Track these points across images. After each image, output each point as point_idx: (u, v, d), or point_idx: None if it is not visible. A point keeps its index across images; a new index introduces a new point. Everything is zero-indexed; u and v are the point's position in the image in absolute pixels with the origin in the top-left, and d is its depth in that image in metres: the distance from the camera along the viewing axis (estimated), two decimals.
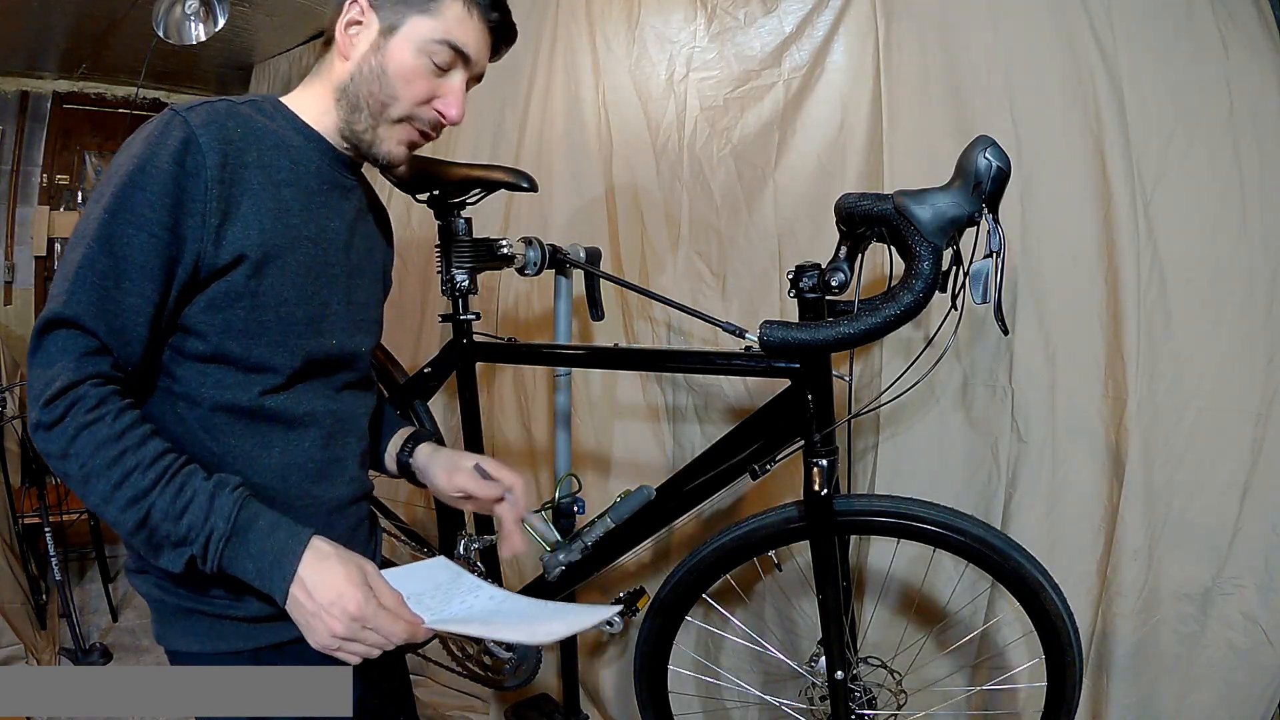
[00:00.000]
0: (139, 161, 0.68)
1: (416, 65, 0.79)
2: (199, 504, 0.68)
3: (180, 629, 0.78)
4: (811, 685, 1.23)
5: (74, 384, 0.66)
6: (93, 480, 0.67)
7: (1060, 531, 1.22)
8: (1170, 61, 1.14)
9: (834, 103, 1.40)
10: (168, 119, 0.71)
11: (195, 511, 0.68)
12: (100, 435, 0.66)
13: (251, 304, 0.74)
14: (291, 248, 0.76)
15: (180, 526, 0.67)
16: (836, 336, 0.88)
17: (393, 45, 0.79)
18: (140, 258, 0.68)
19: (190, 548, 0.68)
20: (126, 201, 0.68)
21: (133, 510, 0.66)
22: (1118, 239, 1.14)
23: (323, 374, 0.83)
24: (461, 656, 1.49)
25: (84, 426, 0.66)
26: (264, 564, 0.69)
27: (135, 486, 0.66)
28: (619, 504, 1.19)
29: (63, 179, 3.19)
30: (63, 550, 2.23)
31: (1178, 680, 1.16)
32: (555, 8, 1.72)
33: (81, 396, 0.67)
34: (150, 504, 0.67)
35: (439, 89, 0.82)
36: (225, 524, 0.68)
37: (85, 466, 0.66)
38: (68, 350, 0.67)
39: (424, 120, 0.83)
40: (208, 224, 0.70)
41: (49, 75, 3.02)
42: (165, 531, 0.67)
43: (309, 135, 0.82)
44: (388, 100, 0.80)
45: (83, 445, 0.66)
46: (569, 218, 1.69)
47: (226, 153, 0.72)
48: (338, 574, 0.69)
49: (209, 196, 0.70)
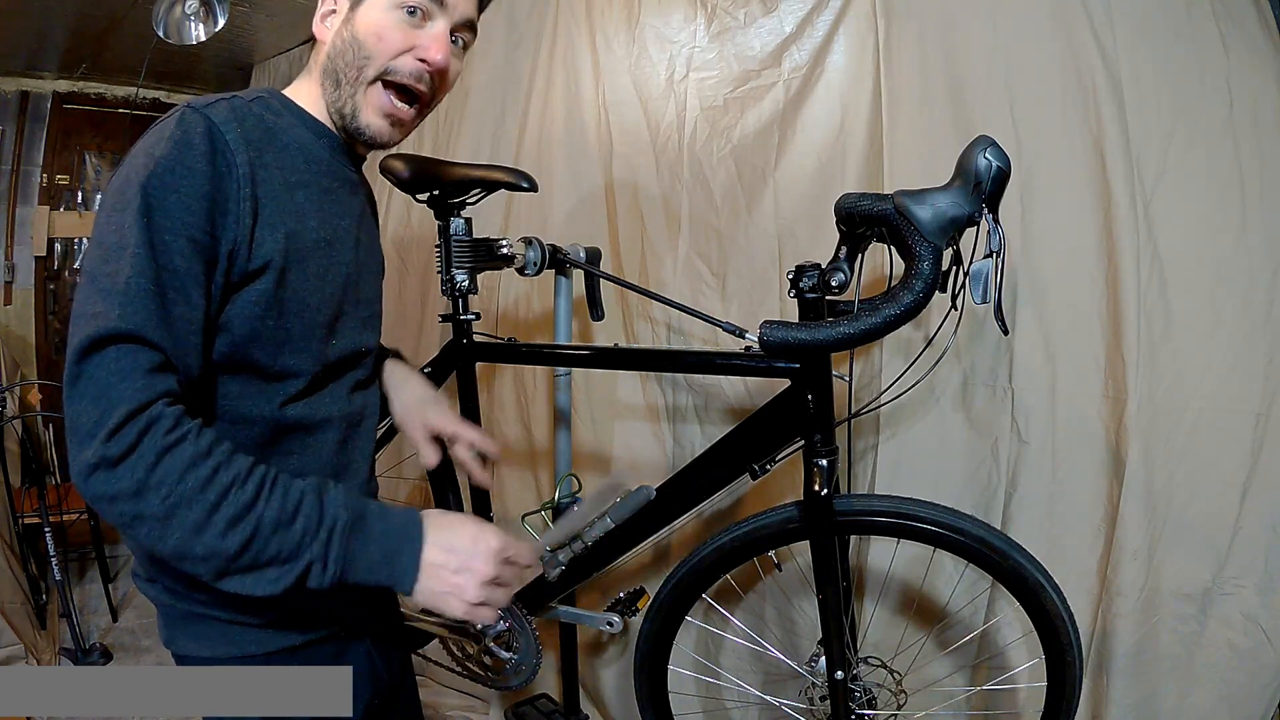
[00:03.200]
0: (167, 163, 0.64)
1: (387, 19, 0.77)
2: (309, 504, 0.64)
3: (190, 634, 0.77)
4: (811, 685, 1.23)
5: (144, 405, 0.60)
6: (181, 510, 0.60)
7: (1060, 531, 1.22)
8: (1170, 61, 1.14)
9: (834, 103, 1.40)
10: (190, 118, 0.67)
11: (308, 512, 0.64)
12: (187, 455, 0.61)
13: (278, 311, 0.71)
14: (311, 251, 0.75)
15: (293, 533, 0.63)
16: (836, 336, 0.88)
17: (361, 11, 0.77)
18: (185, 265, 0.64)
19: (306, 555, 0.63)
20: (162, 206, 0.63)
21: (236, 531, 0.61)
22: (1118, 239, 1.14)
23: (337, 376, 0.82)
24: (461, 656, 1.49)
25: (167, 449, 0.60)
26: (390, 543, 0.67)
27: (237, 503, 0.61)
28: (619, 504, 1.19)
29: (63, 179, 3.19)
30: (63, 550, 2.23)
31: (1178, 680, 1.16)
32: (555, 8, 1.72)
33: (157, 417, 0.60)
34: (258, 517, 0.62)
35: (417, 38, 0.78)
36: (347, 513, 0.66)
37: (171, 496, 0.59)
38: (128, 370, 0.60)
39: (405, 72, 0.78)
40: (242, 224, 0.67)
41: (49, 75, 3.02)
42: (276, 546, 0.63)
43: (317, 129, 0.80)
44: (362, 62, 0.77)
45: (167, 471, 0.60)
46: (569, 218, 1.69)
47: (250, 153, 0.69)
48: (464, 523, 0.69)
49: (242, 196, 0.67)
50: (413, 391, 1.01)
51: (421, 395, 1.01)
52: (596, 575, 1.26)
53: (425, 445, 0.98)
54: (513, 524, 1.58)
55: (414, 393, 1.01)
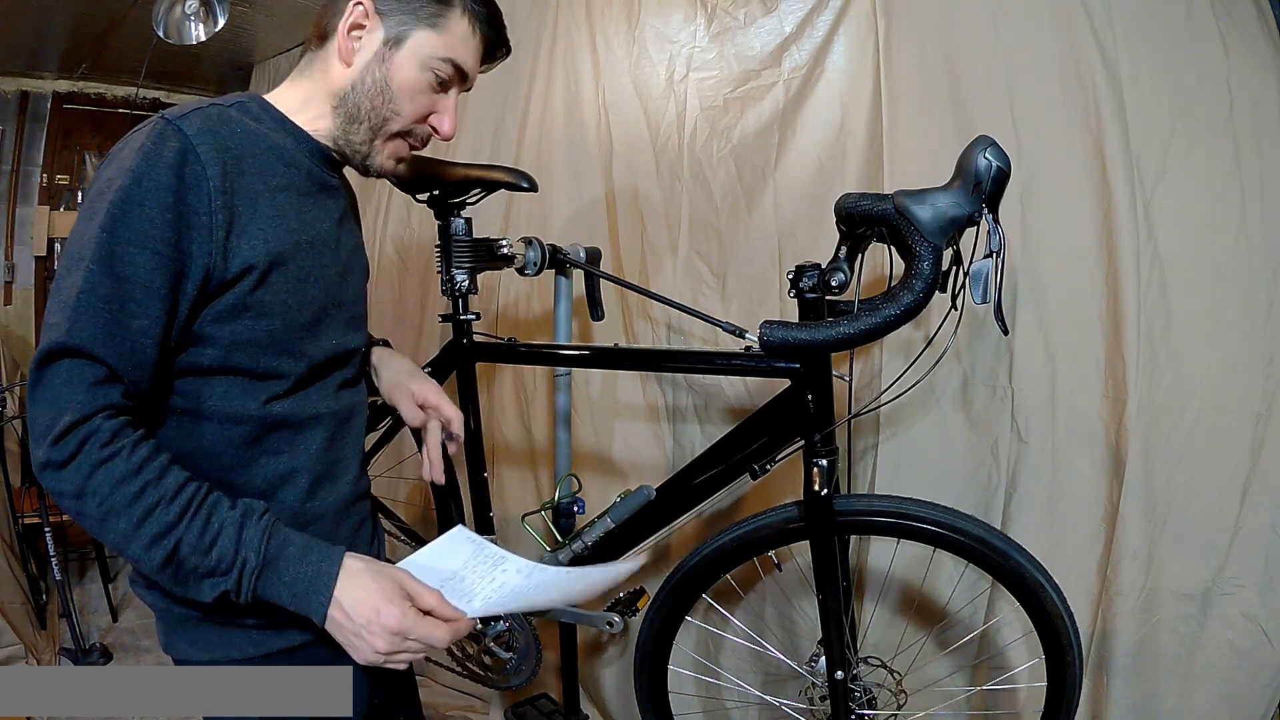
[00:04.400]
0: (134, 175, 0.65)
1: (420, 81, 0.79)
2: (228, 536, 0.67)
3: (188, 638, 0.78)
4: (811, 685, 1.23)
5: (85, 418, 0.63)
6: (112, 518, 0.64)
7: (1060, 531, 1.22)
8: (1170, 61, 1.14)
9: (834, 103, 1.40)
10: (160, 128, 0.68)
11: (224, 544, 0.66)
12: (118, 471, 0.64)
13: (259, 314, 0.72)
14: (292, 254, 0.75)
15: (209, 559, 0.66)
16: (836, 336, 0.88)
17: (399, 58, 0.78)
18: (145, 278, 0.65)
19: (224, 581, 0.67)
20: (124, 218, 0.64)
21: (158, 547, 0.65)
22: (1118, 239, 1.14)
23: (323, 376, 0.82)
24: (462, 656, 1.49)
25: (100, 463, 0.63)
26: (299, 589, 0.69)
27: (160, 522, 0.65)
28: (619, 504, 1.19)
29: (63, 179, 3.19)
30: (63, 550, 2.23)
31: (1178, 680, 1.16)
32: (555, 8, 1.72)
33: (94, 431, 0.64)
34: (178, 539, 0.65)
35: (436, 104, 0.82)
36: (256, 557, 0.67)
37: (104, 505, 0.64)
38: (74, 381, 0.64)
39: (419, 135, 0.83)
40: (215, 236, 0.68)
41: (49, 75, 3.02)
42: (194, 564, 0.66)
43: (298, 136, 0.80)
44: (390, 115, 0.79)
45: (100, 482, 0.63)
46: (569, 218, 1.69)
47: (225, 161, 0.69)
48: (372, 591, 0.68)
49: (213, 208, 0.68)
50: (399, 365, 1.02)
51: (409, 369, 1.02)
52: None
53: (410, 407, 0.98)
54: (512, 524, 1.59)
55: (400, 365, 1.02)
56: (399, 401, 0.98)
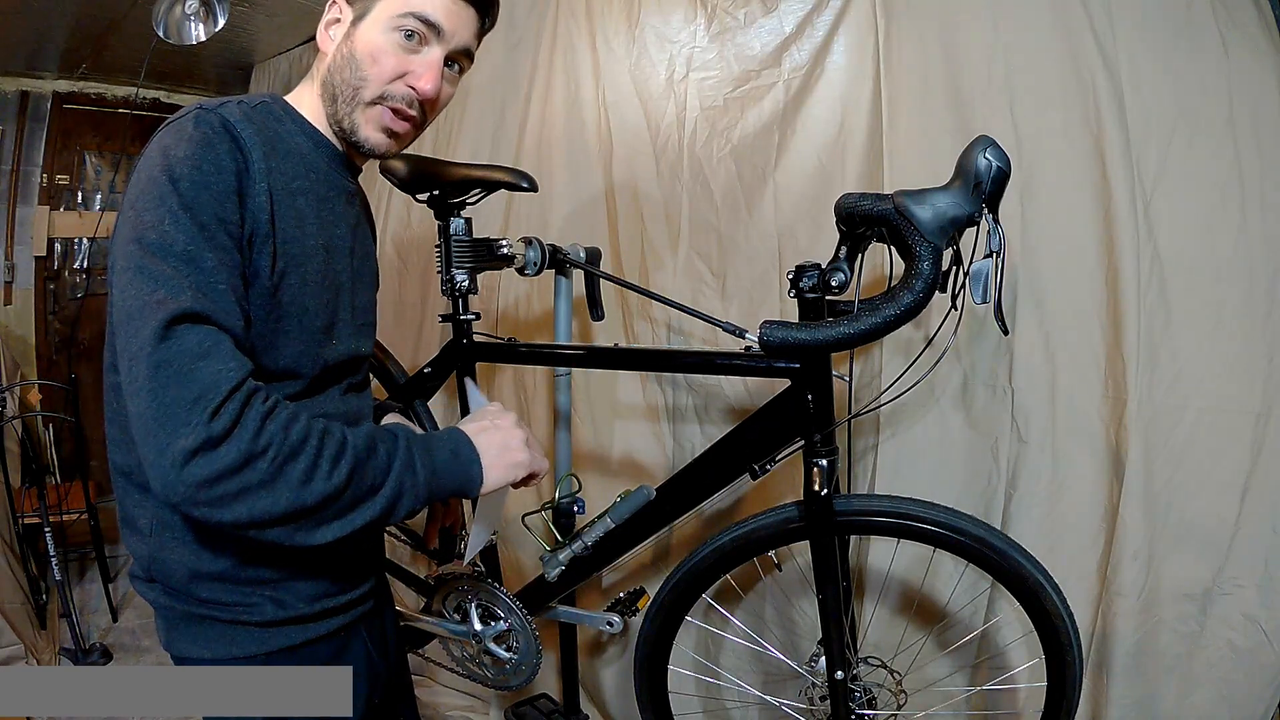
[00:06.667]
0: (194, 160, 0.66)
1: (383, 42, 0.77)
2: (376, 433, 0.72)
3: (190, 635, 0.78)
4: (811, 685, 1.23)
5: (241, 382, 0.63)
6: (289, 464, 0.63)
7: (1060, 531, 1.22)
8: (1170, 61, 1.14)
9: (834, 103, 1.40)
10: (207, 118, 0.69)
11: (381, 437, 0.72)
12: (284, 415, 0.65)
13: (278, 314, 0.73)
14: (310, 257, 0.76)
15: (379, 457, 0.70)
16: (836, 336, 0.88)
17: (361, 29, 0.78)
18: (229, 258, 0.67)
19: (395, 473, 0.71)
20: (198, 201, 0.65)
21: (341, 466, 0.66)
22: (1118, 239, 1.14)
23: (334, 380, 0.84)
24: (462, 657, 1.49)
25: (268, 414, 0.64)
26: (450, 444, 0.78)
27: (333, 444, 0.67)
28: (619, 504, 1.19)
29: (63, 179, 3.18)
30: (63, 550, 2.23)
31: (1178, 680, 1.16)
32: (555, 8, 1.72)
33: (255, 390, 0.64)
34: (354, 450, 0.68)
35: (409, 64, 0.79)
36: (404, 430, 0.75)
37: (280, 454, 0.63)
38: (215, 351, 0.63)
39: (397, 97, 0.79)
40: (260, 218, 0.70)
41: (49, 75, 3.02)
42: (372, 473, 0.69)
43: (316, 139, 0.81)
44: (358, 83, 0.78)
45: (273, 433, 0.63)
46: (569, 218, 1.69)
47: (265, 149, 0.72)
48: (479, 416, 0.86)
49: (259, 191, 0.70)
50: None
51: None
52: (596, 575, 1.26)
53: None
54: (512, 524, 1.59)
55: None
56: None
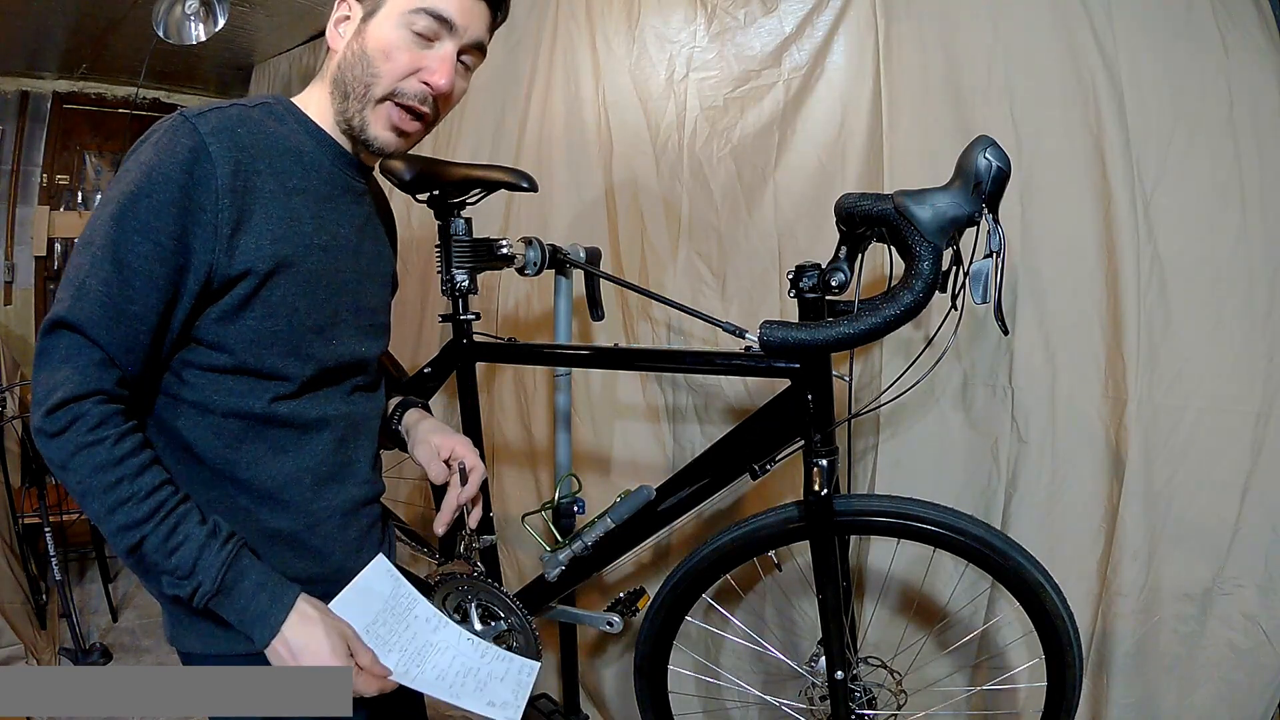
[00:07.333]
0: (146, 168, 0.68)
1: (395, 38, 0.77)
2: (188, 552, 0.69)
3: (195, 632, 0.78)
4: (811, 685, 1.23)
5: (77, 398, 0.67)
6: (89, 498, 0.68)
7: (1060, 531, 1.22)
8: (1170, 61, 1.14)
9: (834, 103, 1.40)
10: (177, 125, 0.70)
11: (184, 558, 0.69)
12: (99, 458, 0.67)
13: (264, 313, 0.74)
14: (303, 256, 0.76)
15: (170, 563, 0.69)
16: (836, 336, 0.88)
17: (372, 25, 0.78)
18: (145, 266, 0.68)
19: (180, 587, 0.70)
20: (132, 209, 0.67)
21: (125, 537, 0.68)
22: (1118, 239, 1.14)
23: (335, 380, 0.83)
24: None
25: (83, 446, 0.67)
26: (246, 619, 0.72)
27: (129, 516, 0.68)
28: (619, 504, 1.19)
29: (63, 179, 3.19)
30: (63, 550, 2.23)
31: (1178, 680, 1.16)
32: (555, 8, 1.72)
33: (84, 414, 0.67)
34: (143, 535, 0.68)
35: (423, 60, 0.78)
36: (211, 583, 0.70)
37: (83, 484, 0.67)
38: (72, 358, 0.67)
39: (409, 94, 0.78)
40: (219, 234, 0.70)
41: (49, 75, 3.02)
42: (154, 562, 0.69)
43: (320, 138, 0.81)
44: (370, 80, 0.77)
45: (81, 464, 0.67)
46: (569, 218, 1.69)
47: (239, 160, 0.71)
48: (323, 646, 0.73)
49: (220, 206, 0.70)
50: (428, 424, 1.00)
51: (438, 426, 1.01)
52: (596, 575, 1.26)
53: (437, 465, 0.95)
54: (512, 524, 1.59)
55: (429, 425, 1.00)
56: (426, 460, 0.96)
